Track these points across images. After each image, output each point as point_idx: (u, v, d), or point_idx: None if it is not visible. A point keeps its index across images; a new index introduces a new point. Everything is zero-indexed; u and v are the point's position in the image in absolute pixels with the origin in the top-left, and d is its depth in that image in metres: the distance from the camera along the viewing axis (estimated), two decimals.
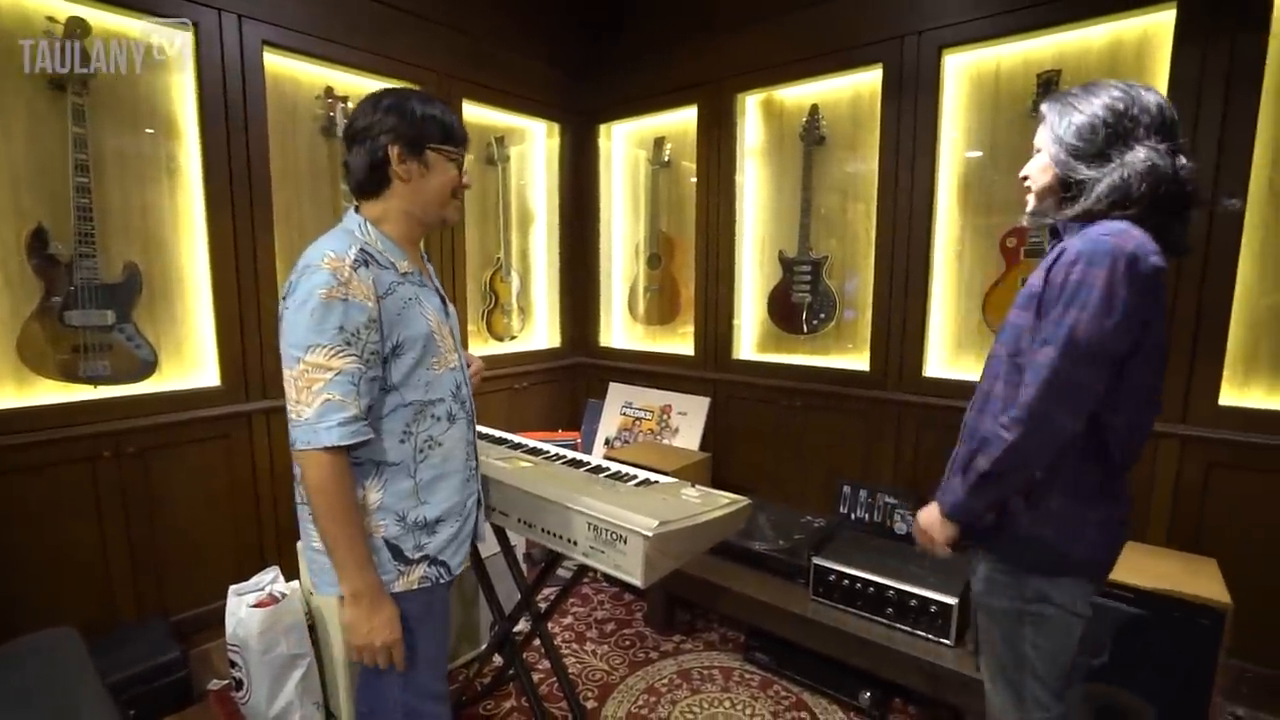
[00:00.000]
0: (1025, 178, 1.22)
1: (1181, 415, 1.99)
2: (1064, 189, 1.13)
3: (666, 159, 3.24)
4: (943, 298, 2.49)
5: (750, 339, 3.06)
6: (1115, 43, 2.08)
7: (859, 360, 2.66)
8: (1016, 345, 1.14)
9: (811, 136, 2.72)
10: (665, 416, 3.15)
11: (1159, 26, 1.98)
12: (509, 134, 3.27)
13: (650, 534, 1.13)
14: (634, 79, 3.24)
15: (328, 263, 1.04)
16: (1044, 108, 1.17)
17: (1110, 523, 1.14)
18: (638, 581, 1.14)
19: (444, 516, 1.21)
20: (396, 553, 1.15)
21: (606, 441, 3.30)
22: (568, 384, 3.64)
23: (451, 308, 1.31)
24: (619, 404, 3.34)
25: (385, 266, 1.12)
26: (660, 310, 3.35)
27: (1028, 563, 1.16)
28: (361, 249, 1.09)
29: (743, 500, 1.41)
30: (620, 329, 3.63)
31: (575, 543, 1.26)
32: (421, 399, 1.16)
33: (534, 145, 3.48)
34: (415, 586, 1.17)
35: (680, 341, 3.28)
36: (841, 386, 2.67)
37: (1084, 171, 1.08)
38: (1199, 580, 1.59)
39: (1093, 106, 1.08)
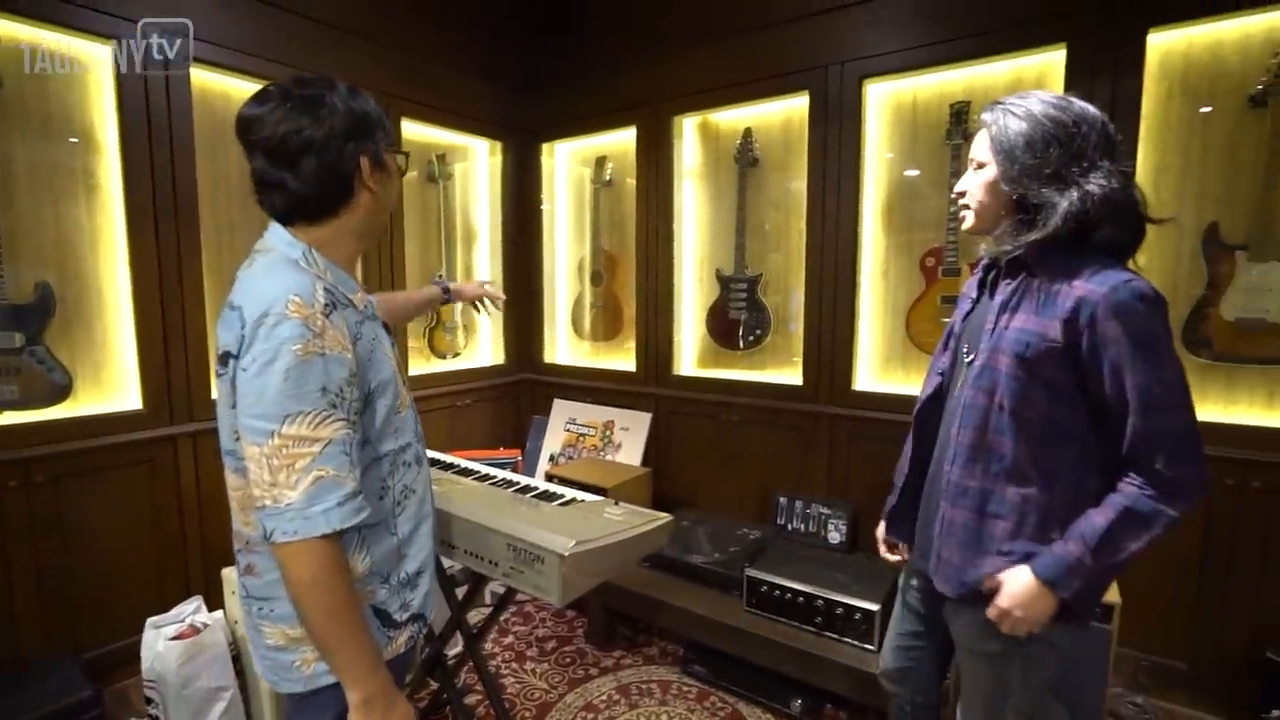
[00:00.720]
0: (962, 194, 1.17)
1: None
2: (1021, 210, 1.07)
3: (608, 178, 3.30)
4: (870, 315, 2.60)
5: (690, 355, 3.12)
6: (1017, 78, 2.23)
7: (793, 375, 2.75)
8: (1025, 400, 1.07)
9: (745, 158, 2.81)
10: (608, 432, 3.18)
11: (1052, 65, 2.13)
12: (450, 151, 3.27)
13: (566, 553, 1.16)
14: (575, 99, 3.29)
15: (295, 310, 0.87)
16: (984, 117, 1.12)
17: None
18: (555, 601, 1.16)
19: (423, 568, 1.09)
20: (385, 619, 1.03)
21: (551, 458, 3.30)
22: (512, 401, 3.63)
23: (393, 341, 1.15)
24: (563, 420, 3.35)
25: (345, 305, 0.96)
26: (604, 327, 3.39)
27: None
28: (325, 288, 0.93)
29: (664, 517, 1.45)
30: (565, 345, 3.65)
31: (496, 564, 1.28)
32: (393, 447, 1.04)
33: (477, 163, 3.49)
34: (402, 650, 1.06)
35: (624, 358, 3.32)
36: (776, 401, 2.75)
37: (1043, 193, 1.03)
38: None
39: (1034, 114, 1.05)
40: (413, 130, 3.05)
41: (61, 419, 2.04)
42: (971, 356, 1.18)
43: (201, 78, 2.30)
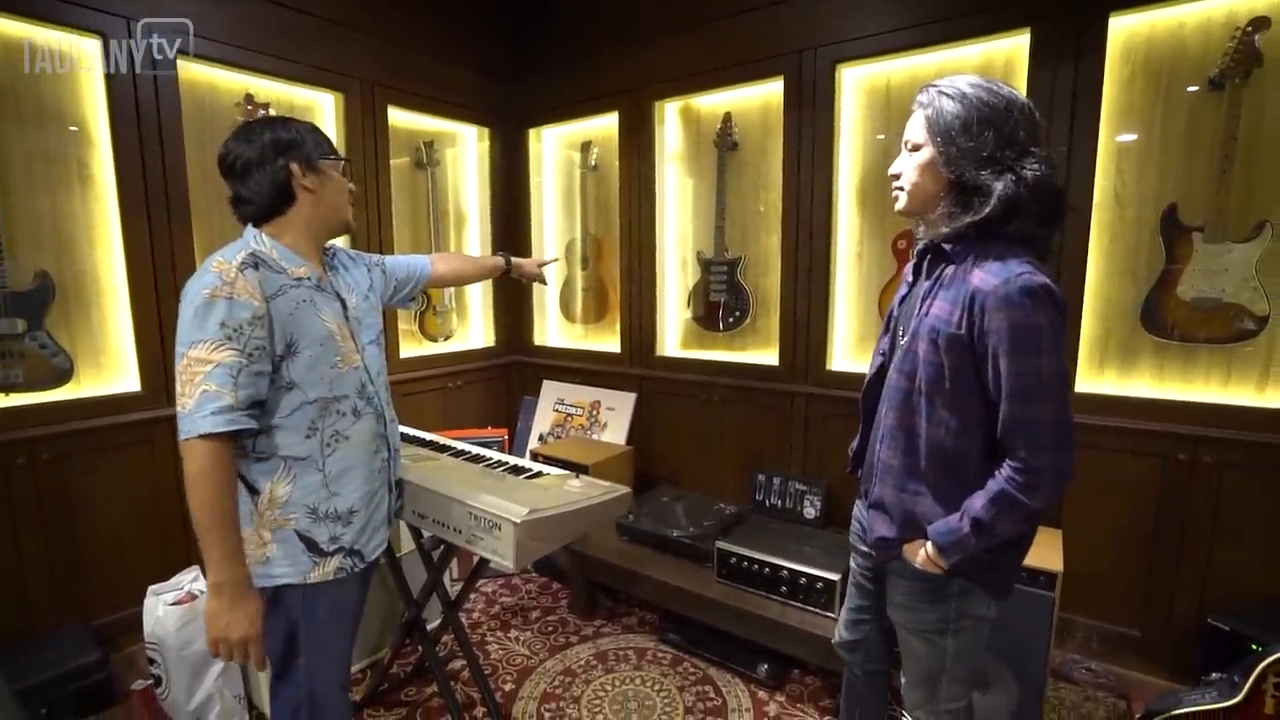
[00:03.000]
0: (897, 175, 1.18)
1: None
2: (956, 194, 1.09)
3: (594, 163, 3.35)
4: (845, 295, 2.66)
5: (674, 337, 3.19)
6: (987, 62, 2.26)
7: (771, 356, 2.82)
8: (934, 382, 1.12)
9: (725, 143, 2.86)
10: (595, 412, 3.27)
11: (1019, 49, 2.16)
12: (439, 138, 3.33)
13: (519, 520, 1.25)
14: (560, 85, 3.33)
15: (215, 266, 1.13)
16: (919, 99, 1.15)
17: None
18: (510, 564, 1.26)
19: (356, 507, 1.27)
20: (311, 545, 1.21)
21: (540, 437, 3.40)
22: (503, 382, 3.73)
23: (352, 312, 1.34)
24: (552, 401, 3.44)
25: (277, 271, 1.19)
26: (592, 309, 3.46)
27: (948, 590, 1.19)
28: (252, 253, 1.17)
29: (621, 489, 1.54)
30: (554, 328, 3.73)
31: (460, 531, 1.37)
32: (325, 395, 1.22)
33: (465, 149, 3.55)
34: (331, 577, 1.24)
35: (611, 340, 3.40)
36: (755, 381, 2.82)
37: (980, 176, 1.06)
38: (1040, 549, 1.78)
39: (967, 96, 1.07)
40: (401, 118, 3.11)
41: (65, 400, 2.14)
42: (904, 339, 1.22)
43: (190, 70, 2.37)
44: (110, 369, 2.28)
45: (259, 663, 1.18)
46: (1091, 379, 2.18)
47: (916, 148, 1.14)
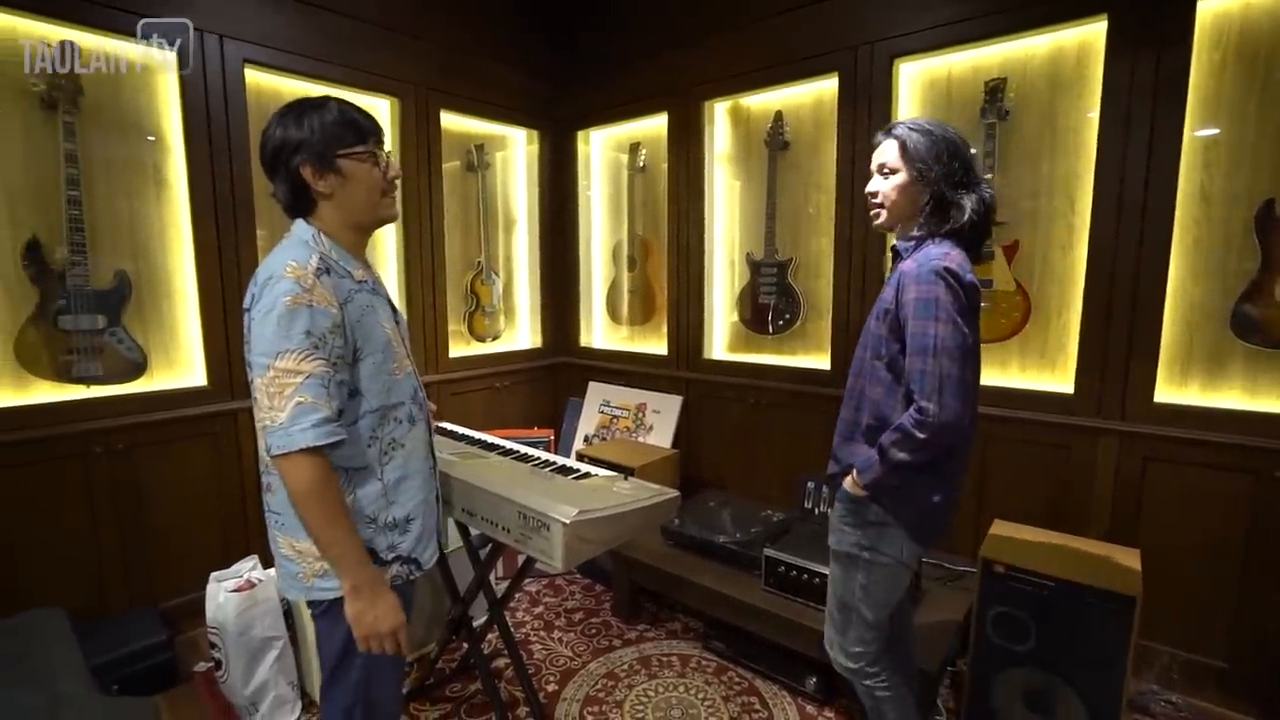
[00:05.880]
0: (874, 194, 1.40)
1: (1120, 413, 2.05)
2: (938, 208, 1.33)
3: (642, 164, 3.34)
4: None
5: (721, 339, 3.15)
6: (1057, 51, 2.15)
7: (822, 360, 2.74)
8: (877, 350, 1.37)
9: (776, 142, 2.80)
10: (640, 415, 3.25)
11: (1094, 35, 2.04)
12: (489, 141, 3.38)
13: (568, 521, 1.23)
14: (608, 87, 3.33)
15: (290, 271, 1.07)
16: (895, 132, 1.36)
17: (937, 497, 1.37)
18: (557, 565, 1.24)
19: (413, 515, 1.25)
20: (370, 554, 1.18)
21: (585, 439, 3.40)
22: (549, 383, 3.75)
23: (401, 316, 1.35)
24: (598, 402, 3.44)
25: (342, 275, 1.16)
26: (638, 311, 3.45)
27: (866, 516, 1.39)
28: (320, 257, 1.13)
29: (670, 492, 1.51)
30: (600, 329, 3.74)
31: (508, 530, 1.36)
32: (385, 404, 1.20)
33: (515, 151, 3.59)
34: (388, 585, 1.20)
35: (657, 342, 3.37)
36: (804, 385, 2.75)
37: (956, 194, 1.32)
38: (1116, 570, 1.67)
39: (933, 133, 1.33)
40: (452, 121, 3.17)
41: (137, 393, 2.26)
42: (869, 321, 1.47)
43: (256, 79, 2.47)
44: (179, 364, 2.39)
45: (406, 648, 1.19)
46: (1172, 390, 2.03)
47: (893, 171, 1.36)
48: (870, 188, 1.41)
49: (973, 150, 1.38)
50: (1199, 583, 1.97)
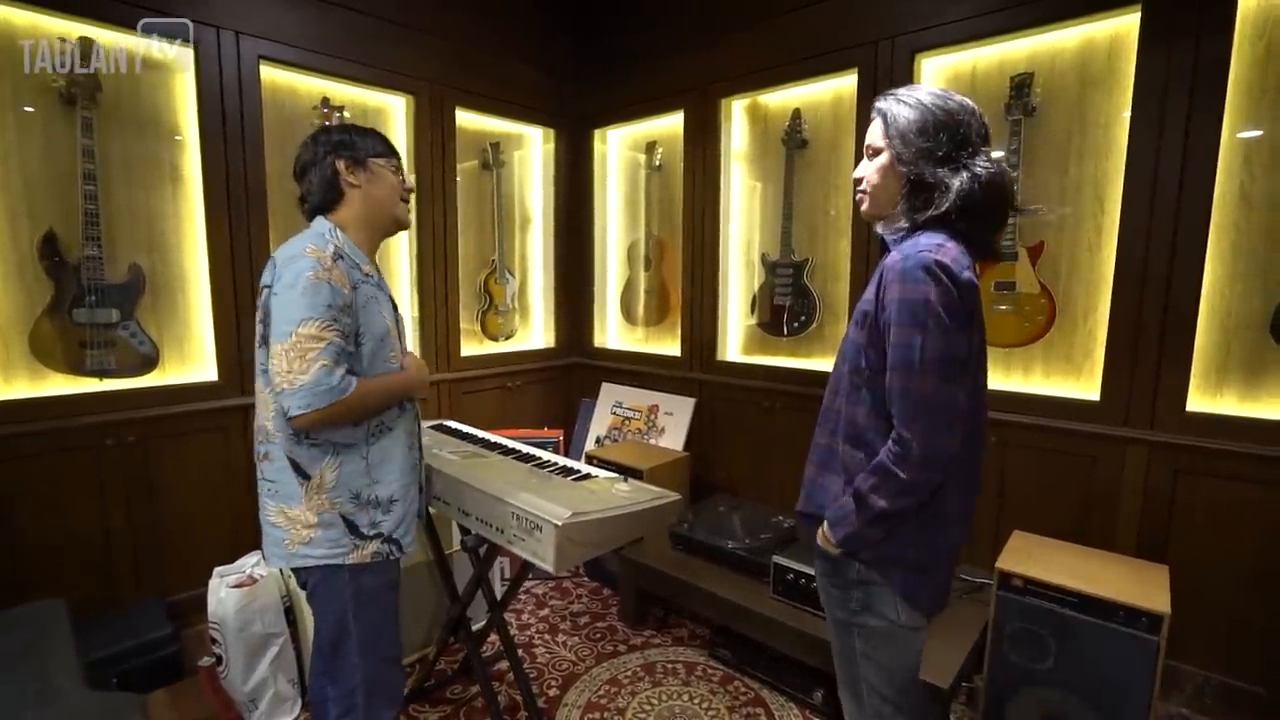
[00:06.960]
0: (859, 180, 1.20)
1: (1149, 421, 1.96)
2: (916, 191, 1.10)
3: (659, 163, 3.30)
4: None
5: (735, 341, 3.09)
6: (1087, 44, 2.06)
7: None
8: (856, 363, 1.13)
9: (794, 140, 2.74)
10: (652, 416, 3.20)
11: (1127, 28, 1.95)
12: (505, 139, 3.37)
13: (560, 523, 1.19)
14: (625, 85, 3.30)
15: (311, 251, 1.20)
16: (878, 106, 1.16)
17: (931, 552, 1.13)
18: (550, 567, 1.20)
19: (396, 497, 1.32)
20: (351, 527, 1.27)
21: (597, 440, 3.36)
22: (562, 383, 3.72)
23: (401, 314, 1.45)
24: (610, 403, 3.40)
25: (352, 265, 1.28)
26: (652, 311, 3.41)
27: (847, 575, 1.17)
28: (335, 247, 1.25)
29: (671, 495, 1.46)
30: (614, 330, 3.70)
31: (501, 530, 1.33)
32: None
33: (531, 150, 3.58)
34: (368, 560, 1.29)
35: (671, 343, 3.33)
36: (820, 389, 2.67)
37: (938, 173, 1.07)
38: (1144, 587, 1.58)
39: (923, 103, 1.10)
40: (468, 119, 3.16)
41: (149, 387, 2.27)
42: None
43: (271, 75, 2.48)
44: (191, 358, 2.40)
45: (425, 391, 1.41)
46: (1206, 399, 1.93)
47: (877, 152, 1.17)
48: (855, 173, 1.21)
49: (984, 120, 1.12)
50: (1235, 602, 1.86)
